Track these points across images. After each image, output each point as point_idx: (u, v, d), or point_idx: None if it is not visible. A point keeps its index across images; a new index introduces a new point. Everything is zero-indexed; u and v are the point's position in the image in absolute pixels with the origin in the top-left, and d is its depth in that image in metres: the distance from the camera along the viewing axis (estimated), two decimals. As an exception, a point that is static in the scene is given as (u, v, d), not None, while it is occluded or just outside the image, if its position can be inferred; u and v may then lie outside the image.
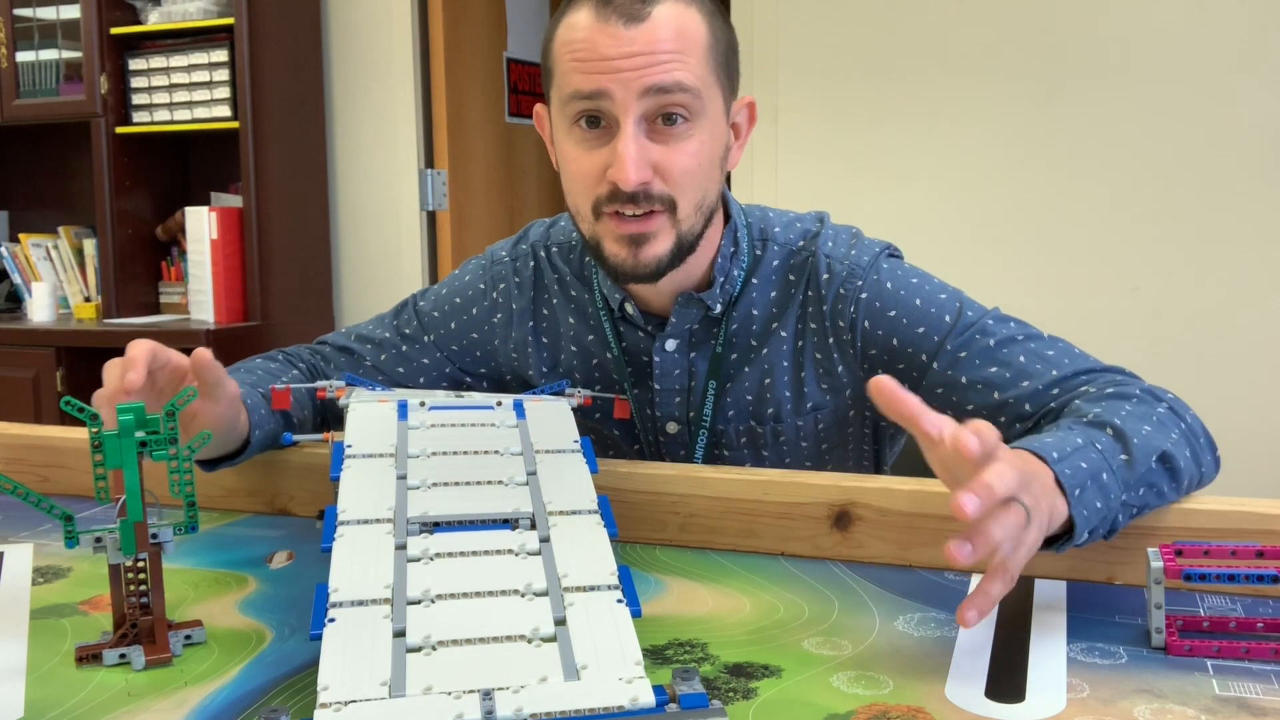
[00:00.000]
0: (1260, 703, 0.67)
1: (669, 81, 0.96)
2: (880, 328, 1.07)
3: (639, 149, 0.97)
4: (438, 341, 1.22)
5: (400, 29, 3.30)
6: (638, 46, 0.96)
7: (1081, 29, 2.71)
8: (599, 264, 1.06)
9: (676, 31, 0.97)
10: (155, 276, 3.34)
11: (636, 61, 0.96)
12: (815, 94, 2.94)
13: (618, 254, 1.01)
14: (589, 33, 0.97)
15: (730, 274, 1.10)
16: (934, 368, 1.04)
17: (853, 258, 1.09)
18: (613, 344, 1.14)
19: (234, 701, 0.69)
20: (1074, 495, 0.79)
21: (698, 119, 0.99)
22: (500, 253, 1.23)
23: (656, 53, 0.96)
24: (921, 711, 0.66)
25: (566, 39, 0.99)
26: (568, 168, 1.03)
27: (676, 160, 0.98)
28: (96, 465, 0.73)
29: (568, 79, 0.99)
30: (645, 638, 0.74)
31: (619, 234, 1.01)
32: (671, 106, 0.97)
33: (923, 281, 1.08)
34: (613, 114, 0.97)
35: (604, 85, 0.96)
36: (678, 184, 0.99)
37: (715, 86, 1.01)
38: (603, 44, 0.96)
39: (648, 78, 0.96)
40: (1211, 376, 2.62)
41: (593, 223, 1.02)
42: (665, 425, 1.14)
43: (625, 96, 0.96)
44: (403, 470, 0.83)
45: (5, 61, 3.22)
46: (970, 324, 1.04)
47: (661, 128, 0.98)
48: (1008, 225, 2.82)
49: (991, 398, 1.01)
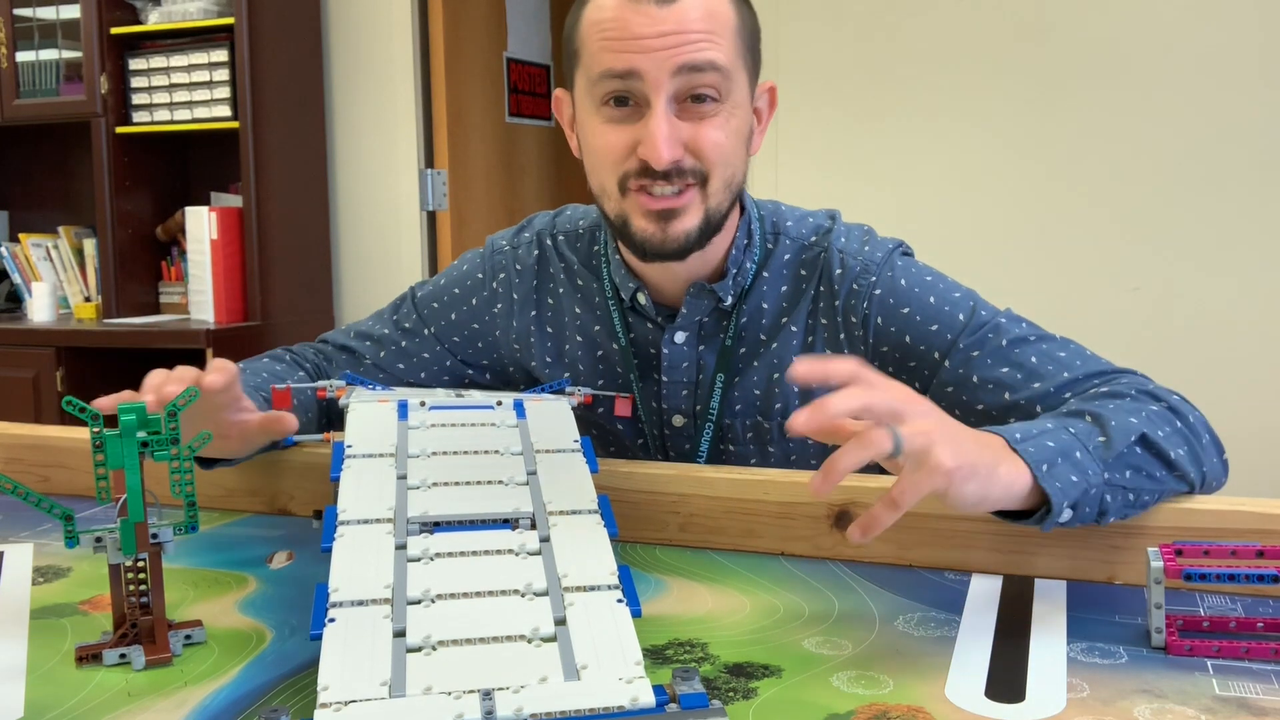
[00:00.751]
0: (1260, 703, 0.67)
1: (702, 60, 0.96)
2: (893, 324, 1.07)
3: (670, 127, 0.97)
4: (438, 334, 1.22)
5: (400, 29, 3.30)
6: (669, 25, 0.96)
7: (1082, 29, 2.71)
8: (625, 242, 1.06)
9: (707, 12, 0.97)
10: (155, 276, 3.35)
11: (669, 40, 0.96)
12: (815, 94, 2.94)
13: (646, 229, 1.01)
14: (619, 11, 0.97)
15: (743, 266, 1.10)
16: (946, 366, 1.04)
17: (866, 254, 1.09)
18: (620, 335, 1.14)
19: (234, 701, 0.69)
20: (1041, 470, 0.80)
21: (726, 99, 0.99)
22: (500, 242, 1.23)
23: (688, 31, 0.96)
24: (921, 711, 0.66)
25: (595, 19, 0.99)
26: (593, 144, 1.03)
27: (708, 135, 0.99)
28: (98, 465, 0.73)
29: (598, 58, 0.99)
30: (645, 638, 0.74)
31: (647, 209, 1.01)
32: (702, 86, 0.97)
33: (937, 280, 1.09)
34: (643, 93, 0.97)
35: (636, 64, 0.96)
36: (709, 159, 0.99)
37: (742, 69, 1.01)
38: (635, 23, 0.96)
39: (680, 56, 0.96)
40: (1212, 376, 2.62)
41: (619, 199, 1.02)
42: (671, 419, 1.14)
43: (658, 75, 0.96)
44: (403, 470, 0.83)
45: (5, 61, 3.22)
46: (983, 323, 1.04)
47: (691, 106, 0.98)
48: (1008, 225, 2.82)
49: (1003, 398, 1.01)
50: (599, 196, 1.05)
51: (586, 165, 1.06)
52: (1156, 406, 0.92)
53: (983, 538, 0.91)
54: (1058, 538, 0.88)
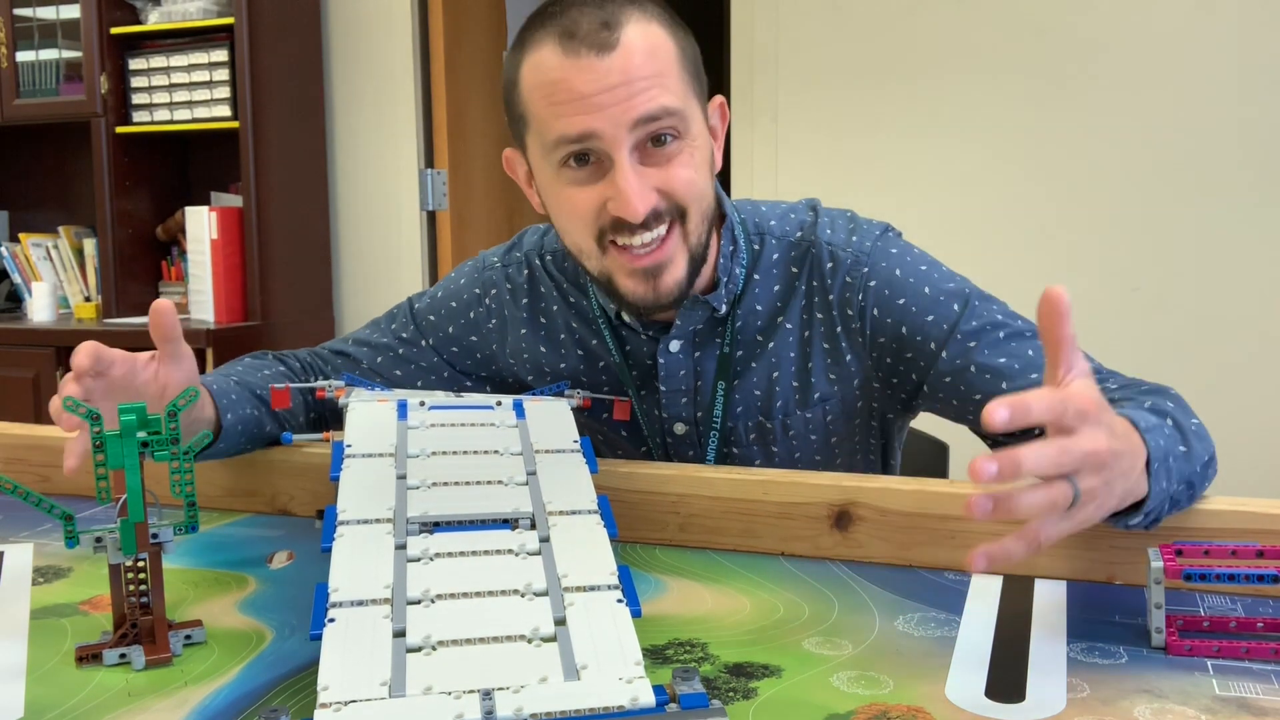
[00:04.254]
0: (1260, 703, 0.67)
1: (655, 109, 0.95)
2: (890, 315, 1.07)
3: (639, 179, 0.96)
4: (436, 346, 1.22)
5: (400, 29, 3.29)
6: (615, 77, 0.93)
7: (1079, 32, 2.71)
8: (613, 300, 1.05)
9: (648, 53, 0.95)
10: (155, 276, 3.35)
11: (618, 94, 0.93)
12: (814, 99, 2.94)
13: (636, 290, 1.01)
14: (561, 71, 0.94)
15: (733, 273, 1.10)
16: (943, 356, 1.04)
17: (855, 244, 1.09)
18: (614, 350, 1.14)
19: (234, 701, 0.69)
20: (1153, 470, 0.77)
21: (685, 135, 0.98)
22: (492, 259, 1.22)
23: (635, 80, 0.94)
24: (921, 711, 0.66)
25: (537, 82, 0.97)
26: (563, 209, 1.01)
27: (678, 174, 0.98)
28: (98, 465, 0.73)
29: (550, 125, 0.96)
30: (645, 638, 0.74)
31: (633, 269, 1.00)
32: (661, 130, 0.96)
33: (931, 269, 1.08)
34: (603, 150, 0.96)
35: (591, 126, 0.94)
36: (683, 196, 0.99)
37: (693, 98, 1.00)
38: (578, 81, 0.94)
39: (634, 110, 0.94)
40: (1212, 376, 2.62)
41: (600, 258, 1.01)
42: (673, 427, 1.14)
43: (615, 132, 0.94)
44: (402, 470, 0.83)
45: (5, 61, 3.22)
46: (980, 314, 1.04)
47: (652, 150, 0.97)
48: (1007, 227, 2.82)
49: (1000, 387, 1.01)
50: (578, 255, 1.04)
51: (557, 225, 1.05)
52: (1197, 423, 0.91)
53: (983, 538, 0.91)
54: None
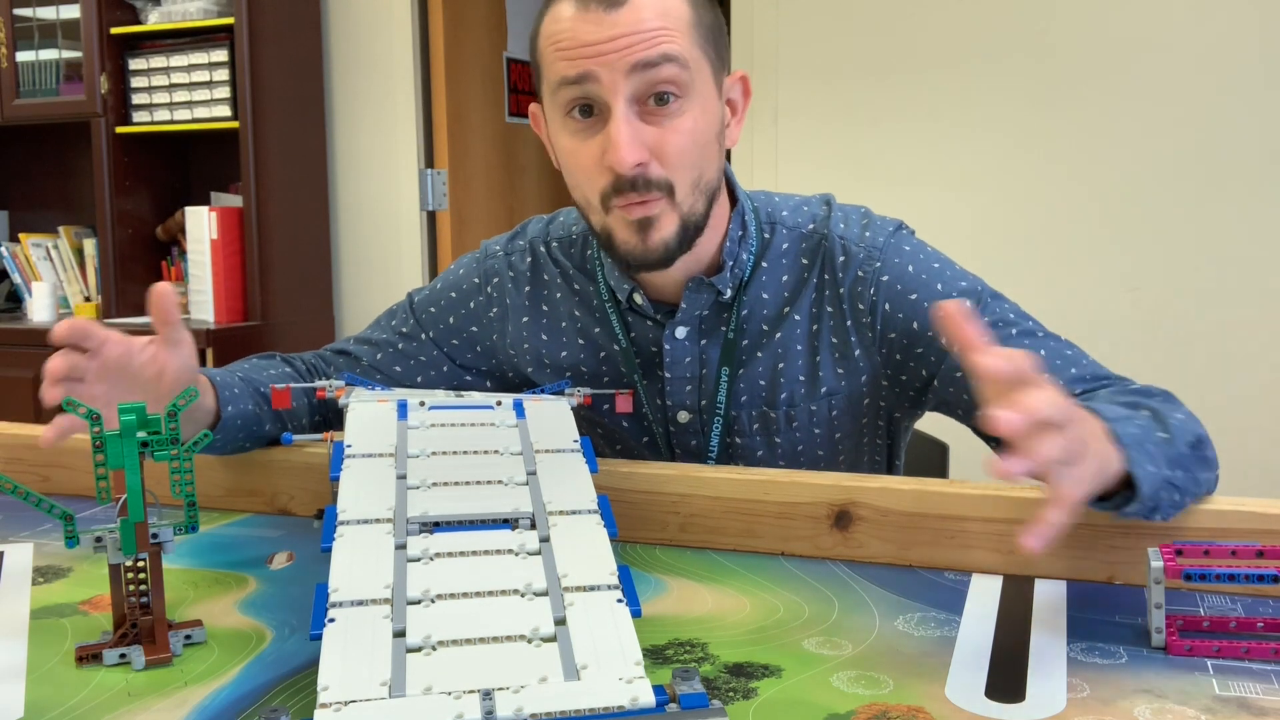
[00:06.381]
0: (1260, 703, 0.67)
1: (655, 55, 0.96)
2: (901, 311, 1.07)
3: (631, 130, 0.97)
4: (436, 338, 1.22)
5: (400, 29, 3.30)
6: (620, 29, 0.96)
7: (1081, 30, 2.71)
8: (610, 255, 1.06)
9: (659, 11, 0.97)
10: (155, 276, 3.34)
11: (620, 43, 0.96)
12: (815, 95, 2.94)
13: (628, 241, 1.01)
14: (571, 22, 0.97)
15: (739, 257, 1.10)
16: (953, 352, 1.04)
17: (868, 239, 1.09)
18: (620, 335, 1.14)
19: (234, 701, 0.69)
20: (1131, 451, 0.78)
21: (689, 95, 0.99)
22: (494, 247, 1.23)
23: (640, 31, 0.96)
24: (921, 711, 0.66)
25: (550, 31, 1.00)
26: (567, 162, 1.03)
27: (672, 140, 0.98)
28: (98, 465, 0.73)
29: (554, 68, 0.99)
30: (645, 638, 0.74)
31: (628, 220, 1.01)
32: (661, 84, 0.97)
33: (944, 266, 1.09)
34: (602, 98, 0.97)
35: (589, 68, 0.96)
36: (674, 165, 0.99)
37: (704, 60, 1.00)
38: (584, 30, 0.96)
39: (633, 55, 0.96)
40: (1211, 376, 2.62)
41: (603, 215, 1.02)
42: (676, 415, 1.14)
43: (612, 77, 0.96)
44: (402, 470, 0.83)
45: (5, 61, 3.22)
46: (991, 311, 1.05)
47: (654, 108, 0.98)
48: (1007, 226, 2.82)
49: None
50: (583, 209, 1.06)
51: (566, 179, 1.06)
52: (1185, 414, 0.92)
53: (983, 538, 0.91)
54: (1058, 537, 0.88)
